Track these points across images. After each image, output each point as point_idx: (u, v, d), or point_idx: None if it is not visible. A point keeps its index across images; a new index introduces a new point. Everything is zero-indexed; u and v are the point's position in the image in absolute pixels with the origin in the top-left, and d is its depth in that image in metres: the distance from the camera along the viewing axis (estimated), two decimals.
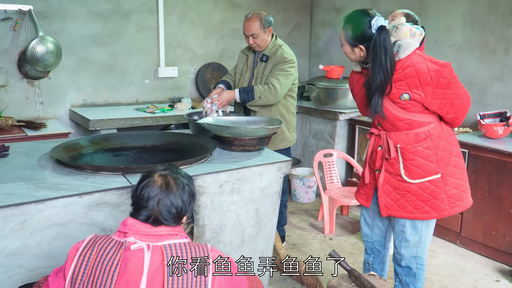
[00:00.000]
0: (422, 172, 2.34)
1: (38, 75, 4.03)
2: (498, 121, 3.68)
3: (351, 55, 2.35)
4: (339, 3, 5.28)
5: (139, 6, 4.44)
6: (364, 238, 2.73)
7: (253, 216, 2.49)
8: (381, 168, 2.43)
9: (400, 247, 2.49)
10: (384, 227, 2.64)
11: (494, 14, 3.88)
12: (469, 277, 3.29)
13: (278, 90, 3.14)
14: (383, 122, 2.37)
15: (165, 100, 4.75)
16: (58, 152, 2.36)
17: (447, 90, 2.24)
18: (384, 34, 2.18)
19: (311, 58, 5.74)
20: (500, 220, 3.39)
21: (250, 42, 3.25)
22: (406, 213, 2.40)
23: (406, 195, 2.39)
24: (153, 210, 1.51)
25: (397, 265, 2.57)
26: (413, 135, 2.33)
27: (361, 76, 2.44)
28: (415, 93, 2.23)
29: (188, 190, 1.58)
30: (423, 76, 2.20)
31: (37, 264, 1.87)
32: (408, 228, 2.44)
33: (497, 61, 3.90)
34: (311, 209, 4.54)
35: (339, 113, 4.48)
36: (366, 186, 2.56)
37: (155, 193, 1.52)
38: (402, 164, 2.36)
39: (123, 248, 1.47)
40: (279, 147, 3.33)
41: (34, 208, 1.82)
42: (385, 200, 2.44)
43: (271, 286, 3.07)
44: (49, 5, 4.00)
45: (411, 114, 2.30)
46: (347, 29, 2.28)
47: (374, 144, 2.46)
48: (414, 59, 2.22)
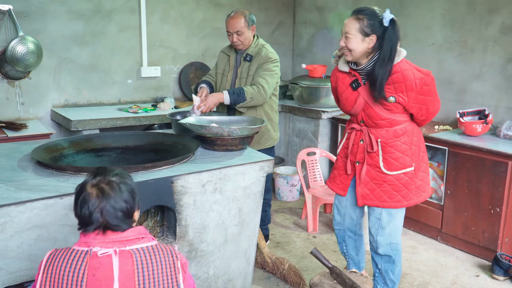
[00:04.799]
0: (399, 164, 2.56)
1: (18, 75, 3.98)
2: (477, 119, 3.74)
3: (358, 47, 2.43)
4: (321, 3, 5.31)
5: (120, 6, 4.42)
6: (336, 226, 2.89)
7: (236, 215, 2.50)
8: (362, 160, 2.62)
9: (376, 235, 2.66)
10: (355, 215, 2.81)
11: (472, 14, 3.94)
12: (449, 273, 3.35)
13: (267, 91, 3.17)
14: (366, 119, 2.56)
15: (148, 100, 4.73)
16: (39, 153, 2.34)
17: (426, 96, 2.48)
18: (397, 26, 2.39)
19: (294, 57, 5.77)
20: (480, 216, 3.45)
21: (234, 40, 3.24)
22: (381, 203, 2.60)
23: (382, 185, 2.59)
24: (99, 222, 1.46)
25: (375, 254, 2.73)
26: (392, 132, 2.55)
27: (346, 76, 2.60)
28: (400, 97, 2.45)
29: (125, 189, 1.51)
30: (409, 83, 2.42)
31: (18, 266, 1.86)
32: (384, 216, 2.63)
33: (476, 60, 3.96)
34: (295, 207, 4.57)
35: (322, 112, 4.51)
36: (343, 176, 2.73)
37: (94, 206, 1.45)
38: (382, 157, 2.56)
39: (88, 257, 1.42)
40: (265, 146, 3.35)
41: (14, 210, 1.81)
42: (362, 191, 2.64)
43: (255, 284, 3.08)
44: (29, 4, 3.96)
45: (393, 114, 2.52)
46: (362, 19, 2.40)
47: (356, 138, 2.64)
48: (402, 65, 2.43)
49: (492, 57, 3.86)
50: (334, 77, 2.71)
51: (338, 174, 2.77)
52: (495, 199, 3.34)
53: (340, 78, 2.63)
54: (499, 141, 3.53)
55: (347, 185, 2.73)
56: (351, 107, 2.59)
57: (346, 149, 2.72)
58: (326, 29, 5.27)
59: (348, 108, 2.62)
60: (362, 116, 2.57)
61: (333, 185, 2.80)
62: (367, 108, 2.54)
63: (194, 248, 2.38)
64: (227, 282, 2.56)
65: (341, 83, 2.63)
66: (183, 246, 2.33)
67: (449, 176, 3.61)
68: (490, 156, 3.35)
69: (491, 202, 3.37)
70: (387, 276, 2.71)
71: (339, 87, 2.64)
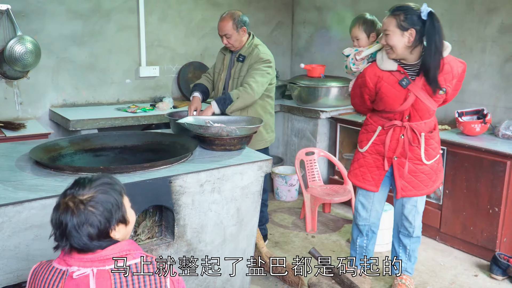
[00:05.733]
0: (434, 153, 2.76)
1: (17, 75, 3.97)
2: (475, 118, 3.74)
3: (398, 43, 2.50)
4: (320, 2, 5.31)
5: (119, 5, 4.41)
6: (361, 222, 2.97)
7: (234, 215, 2.50)
8: (400, 155, 2.73)
9: (414, 221, 2.87)
10: (381, 209, 2.97)
11: (471, 14, 3.95)
12: (448, 272, 3.35)
13: (255, 89, 3.13)
14: (414, 114, 2.65)
15: (146, 99, 4.73)
16: (37, 153, 2.34)
17: (461, 82, 2.72)
18: (436, 18, 2.45)
19: (292, 57, 5.77)
20: (478, 216, 3.45)
21: (224, 42, 3.28)
22: (418, 191, 2.77)
23: (419, 175, 2.75)
24: (64, 242, 1.36)
25: (406, 238, 2.93)
26: (429, 123, 2.72)
27: (390, 75, 2.61)
28: (448, 87, 2.60)
29: (99, 209, 1.36)
30: (455, 71, 2.61)
31: (16, 266, 1.85)
32: (419, 203, 2.85)
33: (474, 60, 3.96)
34: (294, 207, 4.57)
35: (321, 112, 4.51)
36: (375, 173, 2.82)
37: (57, 221, 1.35)
38: (424, 149, 2.70)
39: (64, 278, 1.34)
40: (257, 147, 3.33)
41: (12, 210, 1.81)
42: (401, 183, 2.76)
43: (253, 284, 3.08)
44: (27, 4, 3.95)
45: (435, 105, 2.67)
46: (398, 15, 2.48)
47: (394, 134, 2.72)
48: (447, 57, 2.57)
49: (490, 56, 3.86)
50: (373, 77, 2.65)
51: (368, 171, 2.84)
52: (493, 198, 3.34)
53: (384, 77, 2.62)
54: (497, 140, 3.53)
55: (380, 181, 2.83)
56: (399, 105, 2.63)
57: (378, 145, 2.78)
58: (324, 28, 5.27)
59: (395, 107, 2.64)
60: (410, 111, 2.65)
61: (364, 183, 2.86)
62: (417, 103, 2.61)
63: (193, 248, 2.38)
64: (226, 282, 2.56)
65: (385, 83, 2.62)
66: (181, 246, 2.33)
67: (447, 175, 3.61)
68: (488, 156, 3.35)
69: (490, 202, 3.37)
70: (413, 254, 2.95)
71: (383, 87, 2.62)
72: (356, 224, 2.99)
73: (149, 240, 2.33)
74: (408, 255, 2.96)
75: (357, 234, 3.02)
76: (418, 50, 2.53)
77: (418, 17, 2.45)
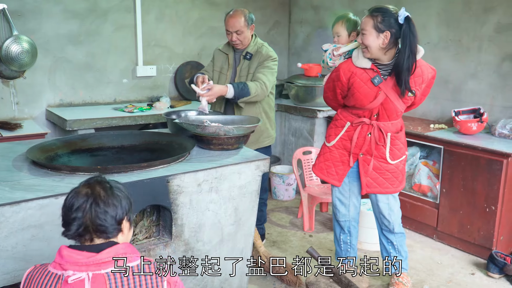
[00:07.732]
0: (399, 154, 2.82)
1: (13, 74, 3.96)
2: (472, 117, 3.76)
3: (372, 43, 2.56)
4: (317, 2, 5.31)
5: (116, 5, 4.40)
6: (341, 218, 3.03)
7: (232, 215, 2.50)
8: (366, 152, 2.80)
9: (390, 216, 2.91)
10: (358, 204, 3.04)
11: (468, 13, 3.95)
12: (445, 271, 3.36)
13: (268, 87, 3.19)
14: (382, 113, 2.72)
15: (143, 99, 4.72)
16: (34, 153, 2.33)
17: (429, 88, 2.78)
18: (412, 22, 2.51)
19: (289, 56, 5.77)
20: (475, 215, 3.46)
21: (233, 39, 3.24)
22: (384, 189, 2.84)
23: (384, 173, 2.81)
24: (81, 222, 1.39)
25: (389, 233, 2.96)
26: (396, 124, 2.79)
27: (364, 72, 2.67)
28: (417, 90, 2.66)
29: (120, 195, 1.45)
30: (425, 76, 2.67)
31: (13, 266, 1.85)
32: (391, 200, 2.90)
33: (471, 59, 3.97)
34: (291, 206, 4.57)
35: (318, 111, 4.51)
36: (340, 167, 2.89)
37: (80, 202, 1.40)
38: (389, 149, 2.78)
39: (60, 283, 1.33)
40: (264, 144, 3.35)
41: (9, 210, 1.80)
42: (366, 180, 2.83)
43: (251, 283, 3.08)
44: (23, 4, 3.94)
45: (404, 107, 2.74)
46: (376, 16, 2.55)
47: (362, 131, 2.78)
48: (419, 61, 2.62)
49: (487, 56, 3.87)
50: (347, 72, 2.72)
51: (333, 165, 2.91)
52: (490, 197, 3.35)
53: (357, 74, 2.68)
54: (494, 139, 3.54)
55: (343, 176, 2.90)
56: (369, 102, 2.69)
57: (345, 141, 2.84)
58: (321, 28, 5.27)
59: (365, 103, 2.70)
60: (379, 110, 2.71)
61: (328, 177, 2.93)
62: (387, 102, 2.68)
63: (190, 248, 2.37)
64: (224, 281, 2.56)
65: (358, 79, 2.68)
66: (179, 246, 2.33)
67: (444, 174, 3.62)
68: (485, 155, 3.36)
69: (486, 201, 3.38)
70: (401, 248, 2.99)
71: (356, 83, 2.69)
72: (337, 220, 3.07)
73: (147, 239, 2.33)
74: (398, 250, 2.99)
75: (339, 231, 3.10)
76: (392, 51, 2.61)
77: (395, 20, 2.51)
